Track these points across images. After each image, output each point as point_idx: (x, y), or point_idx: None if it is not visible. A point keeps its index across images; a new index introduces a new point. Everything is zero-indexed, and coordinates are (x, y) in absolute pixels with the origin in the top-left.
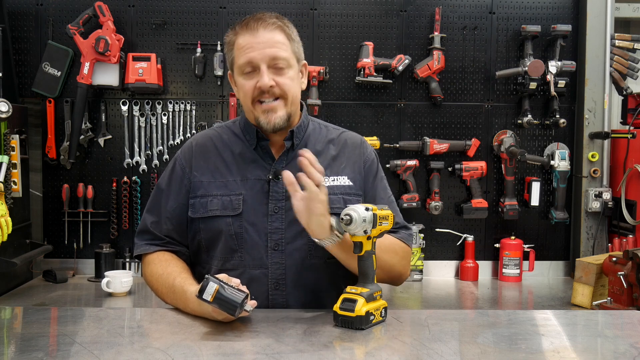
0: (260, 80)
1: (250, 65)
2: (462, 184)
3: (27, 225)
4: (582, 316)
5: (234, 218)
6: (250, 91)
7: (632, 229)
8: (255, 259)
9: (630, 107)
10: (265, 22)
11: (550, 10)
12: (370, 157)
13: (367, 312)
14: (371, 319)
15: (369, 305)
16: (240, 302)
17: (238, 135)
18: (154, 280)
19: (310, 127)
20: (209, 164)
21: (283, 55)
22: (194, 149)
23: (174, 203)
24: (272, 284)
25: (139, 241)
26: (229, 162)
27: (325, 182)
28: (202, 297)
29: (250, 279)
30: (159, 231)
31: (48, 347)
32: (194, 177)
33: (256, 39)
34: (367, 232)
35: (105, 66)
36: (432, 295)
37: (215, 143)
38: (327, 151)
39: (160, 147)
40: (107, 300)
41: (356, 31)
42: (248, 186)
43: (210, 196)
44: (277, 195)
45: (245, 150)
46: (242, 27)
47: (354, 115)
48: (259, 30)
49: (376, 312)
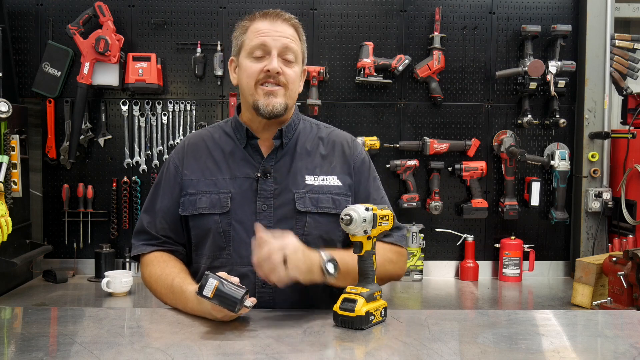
0: (270, 63)
1: (262, 48)
2: (462, 184)
3: (27, 225)
4: (582, 316)
5: (222, 216)
6: (256, 73)
7: (632, 229)
8: (243, 257)
9: (630, 107)
10: (284, 16)
11: (550, 10)
12: (360, 157)
13: (367, 312)
14: (371, 319)
15: (369, 305)
16: (240, 297)
17: (229, 135)
18: (153, 282)
19: (300, 126)
20: (199, 163)
21: (295, 49)
22: (186, 148)
23: (168, 202)
24: (259, 282)
25: (136, 242)
26: (219, 160)
27: (315, 182)
28: (202, 294)
29: (239, 277)
30: (155, 231)
31: (48, 347)
32: (184, 175)
33: (274, 27)
34: (367, 232)
35: (105, 66)
36: (432, 295)
37: (207, 142)
38: (317, 150)
39: (160, 147)
40: (107, 300)
41: (356, 31)
42: (237, 184)
43: (199, 194)
44: (265, 193)
45: (236, 149)
46: (261, 15)
47: (354, 115)
48: (277, 21)
49: (376, 312)
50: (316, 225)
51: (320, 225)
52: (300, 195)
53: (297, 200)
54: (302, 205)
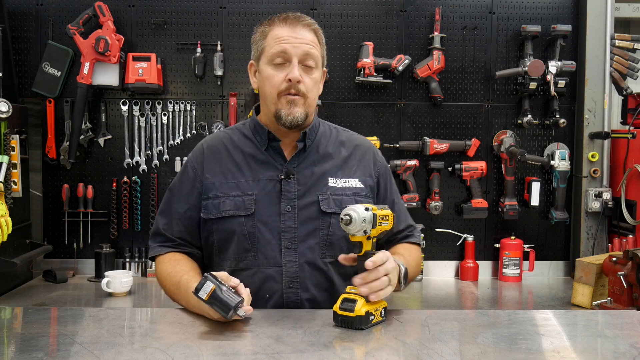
0: (291, 72)
1: (282, 55)
2: (462, 184)
3: (27, 225)
4: (582, 316)
5: (247, 218)
6: (279, 83)
7: (632, 229)
8: (269, 258)
9: (630, 107)
10: (304, 21)
11: (550, 10)
12: (383, 164)
13: (367, 312)
14: (371, 319)
15: (369, 305)
16: (233, 305)
17: (248, 137)
18: (163, 278)
19: (320, 129)
20: (220, 166)
21: (315, 54)
22: (205, 151)
23: (185, 205)
24: (287, 282)
25: (153, 243)
26: (241, 163)
27: (338, 184)
28: (198, 295)
29: (265, 278)
30: (171, 233)
31: (48, 347)
32: (205, 179)
33: (294, 33)
34: (366, 232)
35: (105, 66)
36: (432, 295)
37: (226, 144)
38: (339, 153)
39: (160, 147)
40: (107, 300)
41: (356, 31)
42: (260, 186)
43: (223, 197)
44: (289, 194)
45: (256, 151)
46: (280, 20)
47: (354, 115)
48: (297, 27)
49: (376, 312)
50: (340, 226)
51: None
52: (324, 196)
53: (322, 201)
54: (327, 206)
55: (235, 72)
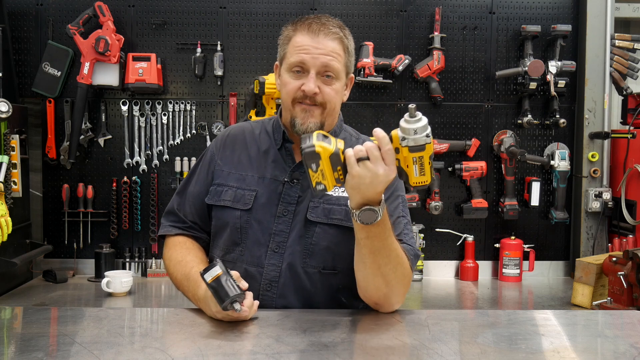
0: (307, 84)
1: (300, 66)
2: (462, 184)
3: (27, 225)
4: (582, 316)
5: (243, 212)
6: (293, 91)
7: (632, 229)
8: (254, 257)
9: (630, 107)
10: (328, 30)
11: (550, 10)
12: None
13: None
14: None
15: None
16: (231, 295)
17: (269, 133)
18: (172, 265)
19: (340, 137)
20: (234, 155)
21: (335, 67)
22: (227, 139)
23: (199, 187)
24: (265, 284)
25: (165, 221)
26: (253, 157)
27: (335, 192)
28: (203, 276)
29: (245, 276)
30: (183, 214)
31: (48, 347)
32: (217, 165)
33: (314, 43)
34: (428, 137)
35: (105, 66)
36: (432, 295)
37: (247, 136)
38: None
39: (160, 147)
40: (107, 300)
41: (356, 31)
42: (264, 184)
43: (227, 186)
44: (289, 198)
45: (271, 148)
46: (303, 26)
47: (354, 115)
48: (319, 36)
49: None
50: (324, 236)
51: (328, 237)
52: (315, 204)
53: (310, 209)
54: (314, 215)
55: (235, 72)
